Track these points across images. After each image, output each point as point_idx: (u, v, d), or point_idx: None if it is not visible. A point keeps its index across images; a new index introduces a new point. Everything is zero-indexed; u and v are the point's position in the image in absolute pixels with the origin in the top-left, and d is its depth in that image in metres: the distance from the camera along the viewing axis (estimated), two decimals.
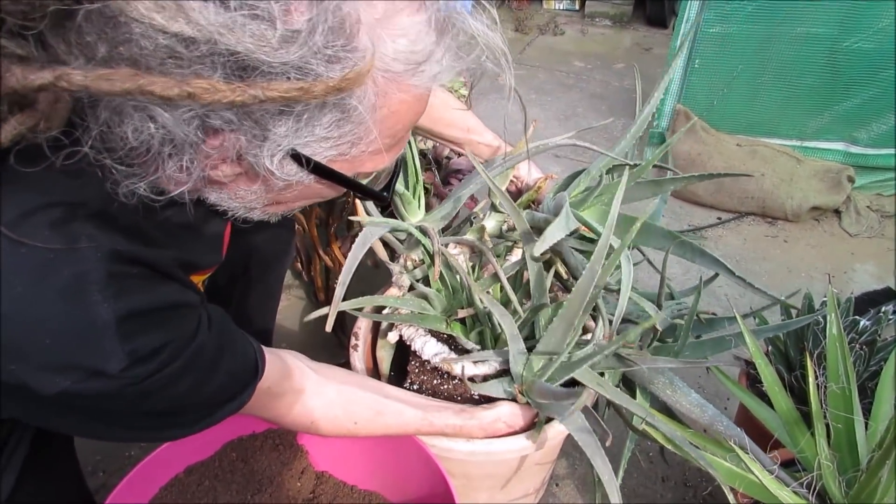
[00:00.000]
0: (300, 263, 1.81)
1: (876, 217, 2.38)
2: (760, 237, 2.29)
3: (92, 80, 0.45)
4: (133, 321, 0.56)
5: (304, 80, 0.50)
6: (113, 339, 0.54)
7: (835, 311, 0.96)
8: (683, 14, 2.28)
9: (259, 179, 0.61)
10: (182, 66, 0.47)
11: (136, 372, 0.56)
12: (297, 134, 0.56)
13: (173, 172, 0.56)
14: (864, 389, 1.09)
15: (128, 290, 0.56)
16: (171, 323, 0.61)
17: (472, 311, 1.07)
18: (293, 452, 1.07)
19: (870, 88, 2.26)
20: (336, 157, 0.60)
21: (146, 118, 0.50)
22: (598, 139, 2.87)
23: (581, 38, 4.22)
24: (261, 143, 0.55)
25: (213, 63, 0.48)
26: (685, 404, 1.02)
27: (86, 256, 0.54)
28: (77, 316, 0.53)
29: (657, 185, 1.07)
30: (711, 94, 2.41)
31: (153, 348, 0.58)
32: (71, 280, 0.53)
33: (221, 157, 0.57)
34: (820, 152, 2.43)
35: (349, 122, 0.57)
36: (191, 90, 0.46)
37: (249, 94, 0.48)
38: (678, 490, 1.39)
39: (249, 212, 0.68)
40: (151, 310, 0.59)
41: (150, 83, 0.46)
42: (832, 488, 0.90)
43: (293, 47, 0.48)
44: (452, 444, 1.01)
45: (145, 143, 0.52)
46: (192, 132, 0.52)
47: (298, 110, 0.54)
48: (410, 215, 1.18)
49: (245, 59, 0.48)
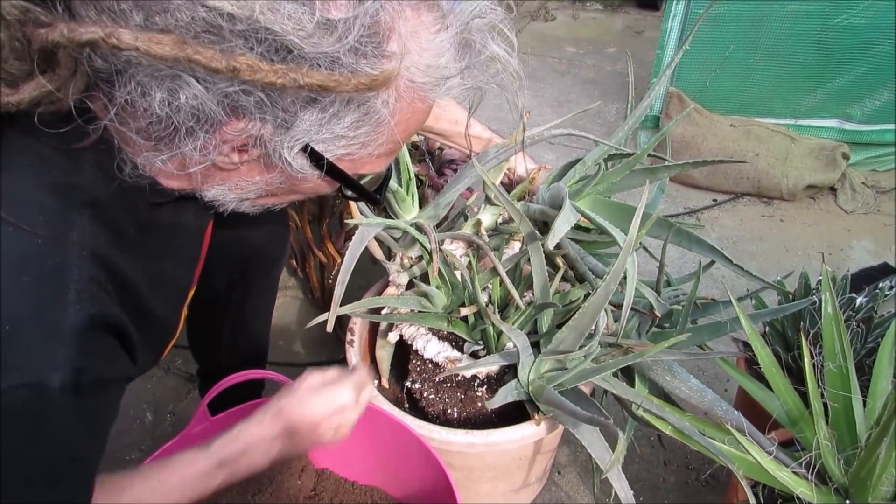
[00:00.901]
0: (295, 261, 1.80)
1: (871, 193, 2.37)
2: (757, 217, 2.28)
3: (143, 42, 0.46)
4: (95, 335, 0.55)
5: (340, 73, 0.52)
6: (71, 348, 0.53)
7: (829, 291, 0.95)
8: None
9: (265, 170, 0.62)
10: (219, 41, 0.48)
11: (66, 398, 0.53)
12: (320, 129, 0.57)
13: (189, 151, 0.56)
14: (861, 367, 1.09)
15: (100, 300, 0.56)
16: (119, 361, 0.60)
17: (474, 309, 1.07)
18: None
19: (862, 64, 2.25)
20: (343, 157, 0.62)
21: (178, 89, 0.51)
22: (592, 125, 2.86)
23: (572, 23, 4.20)
24: (284, 132, 0.56)
25: (249, 41, 0.49)
26: (685, 390, 1.02)
27: (70, 252, 0.54)
28: (46, 311, 0.53)
29: (652, 173, 1.07)
30: (704, 75, 2.40)
31: (96, 378, 0.56)
32: (51, 273, 0.53)
33: (240, 141, 0.57)
34: (814, 130, 2.42)
35: (367, 124, 0.59)
36: (236, 65, 0.48)
37: (290, 77, 0.49)
38: (680, 473, 1.39)
39: (241, 203, 0.69)
40: (112, 329, 0.58)
41: (196, 52, 0.47)
42: (831, 467, 0.90)
43: (328, 38, 0.50)
44: (452, 437, 1.01)
45: (170, 115, 0.52)
46: (221, 110, 0.53)
47: (325, 104, 0.55)
48: (405, 212, 1.18)
49: (281, 40, 0.49)
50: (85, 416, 0.57)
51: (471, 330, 1.12)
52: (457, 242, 1.17)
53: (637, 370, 1.08)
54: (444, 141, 1.20)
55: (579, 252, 1.12)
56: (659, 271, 1.06)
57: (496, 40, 0.62)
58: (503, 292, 1.12)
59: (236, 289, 1.18)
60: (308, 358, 1.66)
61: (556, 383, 1.00)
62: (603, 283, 0.88)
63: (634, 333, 1.11)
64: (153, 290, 0.69)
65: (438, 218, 1.19)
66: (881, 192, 2.39)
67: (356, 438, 1.06)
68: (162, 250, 0.72)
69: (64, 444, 0.56)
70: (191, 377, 1.59)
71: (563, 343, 0.98)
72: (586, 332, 0.95)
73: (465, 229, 1.18)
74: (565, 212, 0.95)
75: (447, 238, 1.15)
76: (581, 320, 0.94)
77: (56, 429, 0.54)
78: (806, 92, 2.36)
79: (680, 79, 2.43)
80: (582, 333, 0.96)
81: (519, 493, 1.23)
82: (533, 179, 1.18)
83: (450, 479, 0.95)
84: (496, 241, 1.18)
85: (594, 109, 2.98)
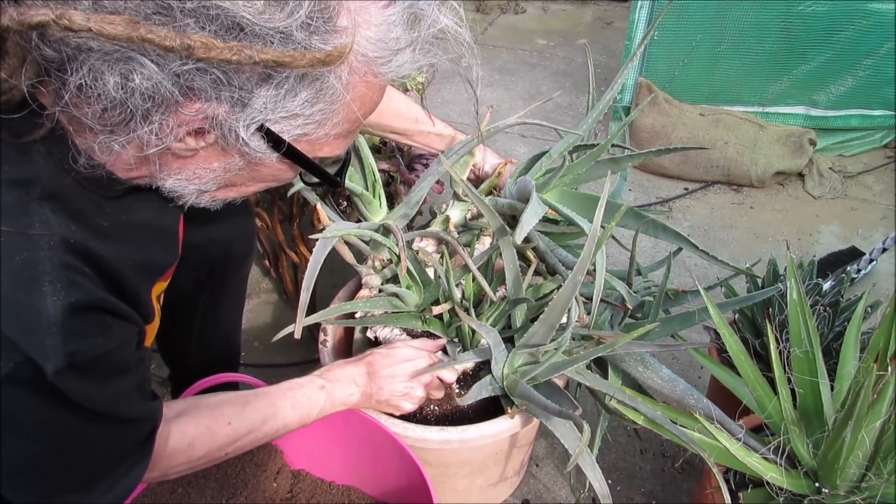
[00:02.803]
0: (267, 261, 1.79)
1: (839, 178, 2.41)
2: (727, 205, 2.31)
3: (95, 23, 0.46)
4: (79, 318, 0.55)
5: (294, 48, 0.52)
6: (56, 337, 0.53)
7: (794, 278, 0.97)
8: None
9: (223, 154, 0.62)
10: (170, 21, 0.49)
11: (67, 379, 0.55)
12: (275, 106, 0.57)
13: (144, 135, 0.55)
14: (829, 350, 1.11)
15: (77, 285, 0.56)
16: (113, 331, 0.61)
17: (448, 307, 1.06)
18: (267, 453, 1.07)
19: (826, 51, 2.28)
20: (300, 138, 0.62)
21: (131, 71, 0.50)
22: (563, 116, 2.87)
23: (542, 16, 4.20)
24: (240, 111, 0.56)
25: (200, 20, 0.49)
26: (657, 380, 1.03)
27: (37, 244, 0.54)
28: (24, 305, 0.52)
29: (616, 163, 1.07)
30: (672, 65, 2.42)
31: (91, 356, 0.57)
32: (22, 267, 0.53)
33: (196, 123, 0.57)
34: (782, 117, 2.46)
35: (321, 101, 0.59)
36: (190, 43, 0.48)
37: (245, 53, 0.50)
38: (657, 461, 1.41)
39: (201, 196, 0.68)
40: (98, 308, 0.58)
41: (149, 32, 0.47)
42: (800, 451, 0.92)
43: (279, 13, 0.51)
44: (427, 434, 1.01)
45: (125, 99, 0.52)
46: (176, 90, 0.52)
47: (280, 80, 0.55)
48: (373, 215, 1.17)
49: (232, 18, 0.49)
50: (97, 377, 0.59)
51: (446, 328, 1.11)
52: (427, 240, 1.17)
53: (610, 362, 1.08)
54: (405, 140, 1.19)
55: (549, 244, 1.12)
56: (630, 263, 1.07)
57: (445, 13, 0.63)
58: (476, 288, 1.12)
59: (204, 290, 1.16)
60: (283, 359, 1.65)
61: (529, 377, 1.01)
62: (571, 274, 0.88)
63: (607, 325, 1.11)
64: (139, 277, 0.68)
65: (410, 216, 1.18)
66: (848, 177, 2.43)
67: (331, 438, 1.06)
68: (140, 239, 0.70)
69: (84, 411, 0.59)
70: (163, 381, 1.57)
71: (534, 336, 0.98)
72: (557, 324, 0.95)
73: (434, 226, 1.18)
74: (532, 204, 0.95)
75: (416, 236, 1.14)
76: (551, 313, 0.95)
77: (62, 404, 0.56)
78: (772, 79, 2.40)
79: (649, 69, 2.45)
80: (553, 326, 0.96)
81: (497, 487, 1.23)
82: (500, 174, 1.18)
83: (425, 476, 0.94)
84: (467, 238, 1.18)
85: (565, 102, 3.00)
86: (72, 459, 0.61)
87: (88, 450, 0.62)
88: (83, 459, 0.62)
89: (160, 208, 0.72)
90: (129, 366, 0.64)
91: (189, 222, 0.85)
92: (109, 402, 0.61)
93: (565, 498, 1.32)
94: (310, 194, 1.18)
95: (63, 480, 0.62)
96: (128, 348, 0.64)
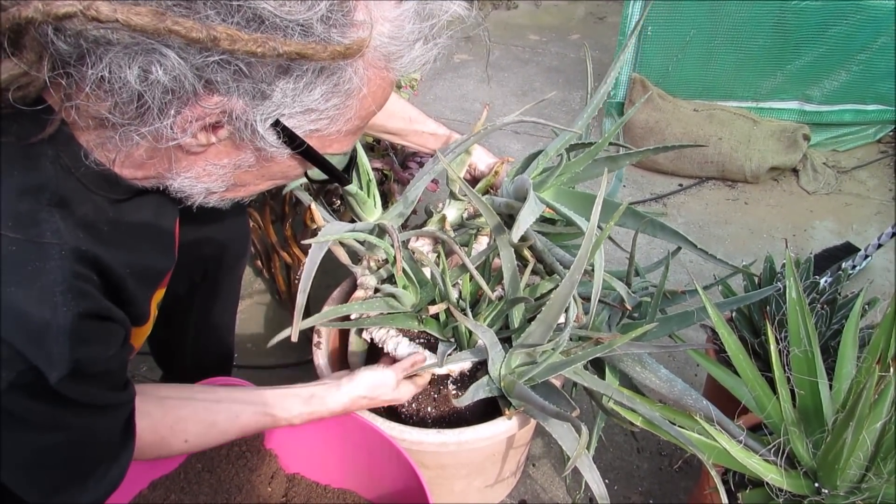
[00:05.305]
0: (260, 262, 1.77)
1: (832, 173, 2.41)
2: (722, 201, 2.30)
3: (122, 14, 0.45)
4: (86, 326, 0.56)
5: (315, 41, 0.53)
6: (64, 346, 0.54)
7: (793, 276, 0.96)
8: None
9: (234, 150, 0.62)
10: (192, 13, 0.48)
11: (68, 384, 0.55)
12: (293, 100, 0.57)
13: (160, 129, 0.55)
14: (827, 349, 1.10)
15: (86, 294, 0.56)
16: (112, 337, 0.62)
17: (444, 306, 1.05)
18: (261, 458, 1.05)
19: (819, 46, 2.28)
20: (312, 133, 0.63)
21: (152, 63, 0.50)
22: (556, 113, 2.86)
23: (535, 11, 4.18)
24: (259, 104, 0.56)
25: (221, 13, 0.49)
26: (655, 380, 1.02)
27: (49, 254, 0.54)
28: (34, 315, 0.52)
29: (613, 161, 1.06)
30: (666, 60, 2.41)
31: (92, 362, 0.57)
32: (33, 277, 0.53)
33: (213, 117, 0.56)
34: (775, 112, 2.45)
35: (337, 95, 0.59)
36: (216, 34, 0.48)
37: (269, 45, 0.50)
38: (654, 460, 1.40)
39: (209, 196, 0.68)
40: (102, 317, 0.59)
41: (175, 23, 0.47)
42: (800, 451, 0.91)
43: (299, 6, 0.51)
44: (423, 437, 1.00)
45: (143, 92, 0.51)
46: (197, 82, 0.52)
47: (300, 73, 0.56)
48: (368, 215, 1.15)
49: (254, 10, 0.50)
50: (94, 379, 0.60)
51: (442, 328, 1.10)
52: (423, 239, 1.16)
53: (608, 362, 1.08)
54: (400, 141, 1.18)
55: (546, 244, 1.11)
56: (630, 262, 1.06)
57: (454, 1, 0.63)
58: (474, 287, 1.11)
59: (198, 292, 1.15)
60: (277, 360, 1.63)
61: (526, 378, 1.00)
62: (568, 273, 0.87)
63: (605, 326, 1.10)
64: (138, 282, 0.68)
65: (406, 215, 1.17)
66: (842, 172, 2.43)
67: (327, 442, 1.04)
68: (139, 244, 0.70)
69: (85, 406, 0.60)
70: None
71: (531, 336, 0.97)
72: (554, 324, 0.94)
73: (430, 225, 1.16)
74: (530, 203, 0.94)
75: (412, 236, 1.13)
76: (548, 313, 0.93)
77: (60, 404, 0.57)
78: (766, 74, 2.39)
79: (643, 65, 2.44)
80: (550, 326, 0.95)
81: (494, 488, 1.22)
82: (496, 173, 1.17)
83: (421, 479, 0.93)
84: (463, 237, 1.16)
85: (558, 98, 2.98)
86: (69, 452, 0.62)
87: (86, 439, 0.63)
88: (83, 446, 0.63)
89: (158, 211, 0.72)
90: (122, 364, 0.65)
91: (184, 224, 0.84)
92: (99, 397, 0.62)
93: (562, 498, 1.32)
94: (303, 194, 1.16)
95: (63, 473, 0.62)
96: (121, 351, 0.65)
